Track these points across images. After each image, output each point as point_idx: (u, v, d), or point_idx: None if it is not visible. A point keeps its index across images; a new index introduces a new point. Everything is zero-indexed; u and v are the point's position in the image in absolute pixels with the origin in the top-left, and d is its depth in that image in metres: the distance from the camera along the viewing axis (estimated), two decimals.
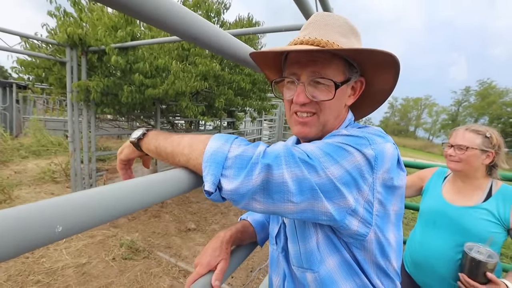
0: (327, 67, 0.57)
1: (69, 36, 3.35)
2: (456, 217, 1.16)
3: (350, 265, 0.58)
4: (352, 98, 0.64)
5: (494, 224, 1.09)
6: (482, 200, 1.14)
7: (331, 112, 0.60)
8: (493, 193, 1.13)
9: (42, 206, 0.31)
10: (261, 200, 0.49)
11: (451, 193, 1.24)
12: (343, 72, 0.59)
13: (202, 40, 0.58)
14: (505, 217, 1.08)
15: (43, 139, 7.57)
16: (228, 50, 0.64)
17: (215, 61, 4.07)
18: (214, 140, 0.52)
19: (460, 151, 1.15)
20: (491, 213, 1.10)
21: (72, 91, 3.73)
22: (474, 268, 1.02)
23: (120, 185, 0.43)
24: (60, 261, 2.73)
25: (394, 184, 0.55)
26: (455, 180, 1.25)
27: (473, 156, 1.13)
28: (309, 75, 0.58)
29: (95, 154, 4.20)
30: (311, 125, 0.61)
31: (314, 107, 0.59)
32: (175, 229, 3.73)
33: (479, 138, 1.14)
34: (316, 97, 0.58)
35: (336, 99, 0.59)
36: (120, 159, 0.63)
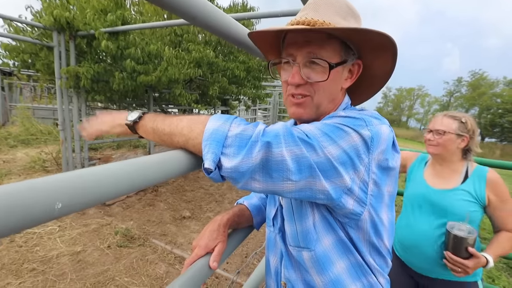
0: (322, 48, 0.57)
1: (56, 20, 3.21)
2: (438, 200, 1.23)
3: (344, 243, 0.60)
4: (349, 81, 0.64)
5: (472, 203, 1.17)
6: (460, 182, 1.22)
7: (325, 94, 0.60)
8: (469, 175, 1.21)
9: (42, 183, 0.31)
10: (260, 179, 0.49)
11: (432, 177, 1.31)
12: (339, 53, 0.59)
13: (200, 20, 0.56)
14: (481, 195, 1.16)
15: (32, 128, 7.38)
16: (228, 32, 0.62)
17: (209, 48, 3.99)
18: (214, 120, 0.52)
19: (438, 136, 1.22)
20: (469, 193, 1.18)
21: (61, 77, 3.61)
22: (456, 245, 1.09)
23: (120, 165, 0.42)
24: (55, 249, 2.73)
25: (389, 165, 0.56)
26: (434, 164, 1.32)
27: (450, 140, 1.20)
28: (304, 56, 0.58)
29: (87, 142, 4.13)
30: (305, 106, 0.61)
31: (309, 89, 0.60)
32: (170, 217, 3.75)
33: (455, 123, 1.21)
34: (311, 78, 0.58)
35: (331, 81, 0.59)
36: (106, 131, 0.64)
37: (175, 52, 3.64)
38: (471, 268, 1.06)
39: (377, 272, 0.62)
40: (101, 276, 2.42)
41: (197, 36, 4.18)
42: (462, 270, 1.09)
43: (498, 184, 1.15)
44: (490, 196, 1.16)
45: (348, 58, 0.60)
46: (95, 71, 3.40)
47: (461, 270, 1.09)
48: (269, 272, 0.77)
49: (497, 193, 1.15)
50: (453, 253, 1.10)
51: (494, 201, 1.15)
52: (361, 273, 0.61)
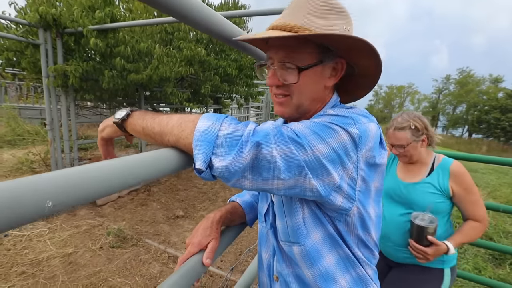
0: (294, 51, 0.59)
1: (42, 16, 3.12)
2: (406, 193, 1.29)
3: (333, 237, 0.62)
4: (333, 79, 0.64)
5: (437, 195, 1.23)
6: (426, 175, 1.28)
7: (304, 94, 0.62)
8: (435, 167, 1.27)
9: (32, 181, 0.31)
10: (250, 178, 0.50)
11: (403, 171, 1.37)
12: (315, 55, 0.60)
13: (190, 19, 0.56)
14: (445, 187, 1.22)
15: (18, 128, 7.16)
16: (217, 30, 0.62)
17: (200, 46, 3.96)
18: (204, 119, 0.52)
19: (400, 149, 1.28)
20: (433, 185, 1.24)
21: (48, 76, 3.52)
22: (418, 233, 1.15)
23: (111, 162, 0.42)
24: (45, 251, 2.68)
25: (376, 162, 0.58)
26: None
27: (412, 147, 1.26)
28: (279, 59, 0.60)
29: (76, 142, 4.05)
30: (285, 105, 0.64)
31: (287, 89, 0.62)
32: (163, 216, 3.72)
33: (408, 133, 1.25)
34: (286, 80, 0.61)
35: (308, 82, 0.61)
36: (101, 137, 0.63)
37: (166, 50, 3.60)
38: (431, 255, 1.13)
39: (365, 264, 0.64)
40: (94, 277, 2.40)
41: (188, 34, 4.14)
42: (423, 256, 1.15)
43: (461, 175, 1.20)
44: (454, 187, 1.21)
45: (325, 58, 0.61)
46: (84, 69, 3.33)
47: (422, 256, 1.16)
48: (262, 267, 0.78)
49: (460, 184, 1.20)
50: (416, 241, 1.16)
51: (458, 192, 1.20)
52: (350, 265, 0.63)
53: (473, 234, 1.20)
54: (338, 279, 0.62)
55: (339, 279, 0.62)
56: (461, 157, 1.68)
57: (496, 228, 3.81)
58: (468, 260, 2.89)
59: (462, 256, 3.01)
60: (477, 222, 1.20)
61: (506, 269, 2.79)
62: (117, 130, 0.60)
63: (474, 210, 1.20)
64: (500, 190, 6.05)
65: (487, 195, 5.64)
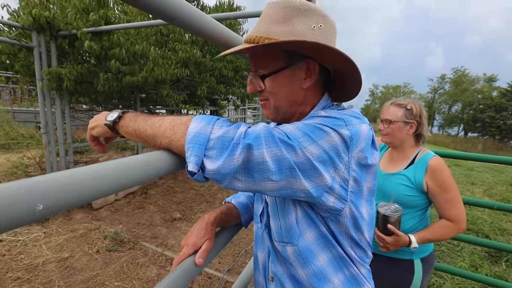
0: (259, 59, 0.64)
1: (35, 19, 3.10)
2: (382, 183, 1.29)
3: (326, 237, 0.62)
4: (309, 81, 0.63)
5: (409, 188, 1.21)
6: (405, 167, 1.26)
7: (279, 97, 0.64)
8: (415, 161, 1.24)
9: (22, 185, 0.31)
10: (242, 179, 0.51)
11: (385, 162, 1.36)
12: (282, 59, 0.62)
13: (179, 21, 0.56)
14: (419, 181, 1.19)
15: (12, 132, 7.09)
16: (206, 31, 0.63)
17: (196, 48, 3.96)
18: (196, 121, 0.52)
19: (387, 125, 1.26)
20: (408, 178, 1.22)
21: (42, 79, 3.49)
22: (382, 222, 1.15)
23: (104, 165, 0.42)
24: (41, 256, 2.65)
25: (368, 163, 0.58)
26: (391, 151, 1.38)
27: (397, 128, 1.24)
28: (252, 68, 0.66)
29: (72, 146, 4.02)
30: (267, 108, 0.68)
31: (264, 94, 0.66)
32: (160, 219, 3.71)
33: (401, 111, 1.24)
34: (258, 86, 0.65)
35: (279, 86, 0.63)
36: (91, 135, 0.64)
37: (161, 52, 3.59)
38: (390, 244, 1.13)
39: (358, 263, 0.65)
40: (90, 281, 2.37)
41: (184, 36, 4.14)
42: (383, 245, 1.15)
43: (438, 171, 1.17)
44: (429, 183, 1.18)
45: (292, 61, 0.61)
46: (78, 72, 3.31)
47: (383, 245, 1.16)
48: (258, 267, 0.79)
49: (436, 180, 1.16)
50: (381, 230, 1.16)
51: (432, 188, 1.17)
52: (343, 264, 0.64)
53: (440, 233, 1.17)
54: (331, 278, 0.63)
55: (332, 278, 0.63)
56: (457, 156, 1.70)
57: (492, 225, 3.85)
58: (464, 258, 2.92)
59: (458, 254, 3.03)
60: (449, 222, 1.16)
61: (502, 266, 2.82)
62: (108, 131, 0.60)
63: (448, 208, 1.16)
64: (496, 188, 6.12)
65: (483, 193, 5.69)
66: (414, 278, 1.21)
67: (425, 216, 1.27)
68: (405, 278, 1.23)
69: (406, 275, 1.22)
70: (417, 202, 1.22)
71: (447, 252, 3.07)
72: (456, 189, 1.19)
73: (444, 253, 3.04)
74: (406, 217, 1.22)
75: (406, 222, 1.21)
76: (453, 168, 8.20)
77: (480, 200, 1.76)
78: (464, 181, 6.51)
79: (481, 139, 31.71)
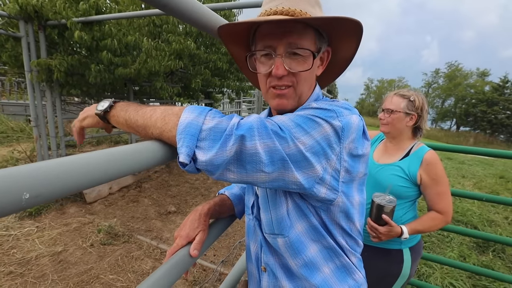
0: (303, 37, 0.58)
1: (22, 8, 2.99)
2: (375, 173, 1.30)
3: (317, 229, 0.63)
4: (321, 69, 0.66)
5: (403, 179, 1.23)
6: (399, 158, 1.27)
7: (306, 83, 0.62)
8: (411, 153, 1.26)
9: (7, 173, 0.30)
10: (235, 170, 0.50)
11: (380, 153, 1.38)
12: (315, 42, 0.61)
13: (171, 8, 0.55)
14: (413, 173, 1.21)
15: (2, 125, 6.93)
16: (200, 20, 0.61)
17: (190, 39, 3.89)
18: (188, 112, 0.51)
19: (388, 114, 1.28)
20: (402, 169, 1.24)
21: (31, 70, 3.39)
22: (376, 212, 1.16)
23: (93, 155, 0.41)
24: (33, 250, 2.63)
25: (359, 153, 0.59)
26: (386, 142, 1.39)
27: (398, 118, 1.25)
28: (286, 47, 0.57)
29: (64, 139, 3.95)
30: (288, 97, 0.61)
31: (291, 79, 0.60)
32: (155, 212, 3.70)
33: (404, 102, 1.25)
34: (294, 68, 0.58)
35: (312, 70, 0.61)
36: (80, 126, 0.62)
37: (154, 43, 3.52)
38: (382, 234, 1.15)
39: (349, 253, 0.66)
40: (85, 275, 2.37)
41: (178, 27, 4.05)
42: (375, 235, 1.17)
43: (432, 164, 1.19)
44: (423, 175, 1.20)
45: (322, 46, 0.62)
46: (69, 63, 3.22)
47: (375, 235, 1.17)
48: (250, 258, 0.79)
49: (429, 173, 1.19)
50: (374, 220, 1.18)
51: (426, 181, 1.20)
52: (334, 254, 0.65)
53: (430, 224, 1.20)
54: (322, 268, 0.64)
55: (323, 268, 0.64)
56: (448, 148, 1.72)
57: (481, 217, 3.96)
58: (453, 248, 3.00)
59: (448, 245, 3.12)
60: (438, 214, 1.20)
61: (489, 256, 2.91)
62: (99, 121, 0.59)
63: (438, 201, 1.20)
64: (485, 180, 6.27)
65: (473, 186, 5.83)
66: (404, 266, 1.25)
67: (412, 207, 1.30)
68: (395, 267, 1.25)
69: (395, 264, 1.25)
70: (409, 193, 1.25)
71: (437, 243, 3.15)
72: (447, 183, 1.22)
73: (434, 244, 3.12)
74: (396, 208, 1.24)
75: (396, 212, 1.23)
76: (445, 161, 8.35)
77: (470, 192, 1.80)
78: (455, 174, 6.65)
79: (472, 133, 32.28)
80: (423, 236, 3.20)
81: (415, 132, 1.31)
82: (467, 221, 3.81)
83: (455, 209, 4.10)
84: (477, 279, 2.45)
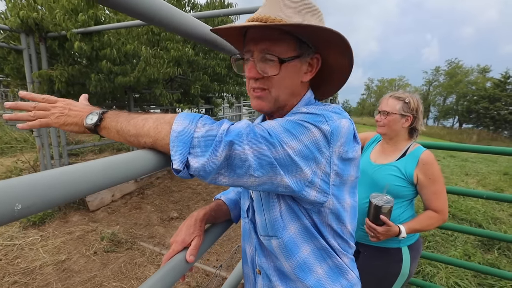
0: (276, 43, 0.59)
1: (23, 21, 3.05)
2: (372, 173, 1.32)
3: (309, 229, 0.64)
4: (309, 75, 0.66)
5: (400, 179, 1.24)
6: (396, 159, 1.29)
7: (282, 87, 0.63)
8: (407, 153, 1.28)
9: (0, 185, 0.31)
10: (226, 175, 0.52)
11: (377, 154, 1.39)
12: (293, 48, 0.61)
13: (159, 20, 0.57)
14: (409, 173, 1.23)
15: (5, 136, 7.02)
16: (186, 30, 0.63)
17: (188, 46, 3.94)
18: (180, 120, 0.53)
19: (384, 116, 1.30)
20: (399, 169, 1.25)
21: (33, 81, 3.45)
22: (374, 212, 1.17)
23: (86, 165, 0.43)
24: (37, 260, 2.65)
25: (350, 157, 0.60)
26: (383, 143, 1.41)
27: (394, 120, 1.27)
28: (259, 51, 0.60)
29: (66, 148, 3.99)
30: (263, 99, 0.64)
31: (266, 83, 0.62)
32: (158, 218, 3.71)
33: (399, 103, 1.27)
34: (265, 72, 0.61)
35: (286, 75, 0.61)
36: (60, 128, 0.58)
37: (153, 51, 3.57)
38: (381, 233, 1.16)
39: (341, 254, 0.67)
40: (89, 283, 2.38)
41: (175, 35, 4.11)
42: (374, 235, 1.18)
43: (428, 164, 1.21)
44: (419, 175, 1.22)
45: (303, 52, 0.62)
46: (70, 73, 3.28)
47: (373, 235, 1.18)
48: (246, 261, 0.80)
49: (425, 173, 1.21)
50: (372, 220, 1.19)
51: (422, 180, 1.22)
52: (326, 255, 0.65)
53: (428, 223, 1.22)
54: (315, 269, 0.65)
55: (316, 269, 0.65)
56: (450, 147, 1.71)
57: (485, 215, 3.92)
58: (457, 247, 2.97)
59: (452, 244, 3.09)
60: (435, 212, 1.22)
61: (495, 254, 2.88)
62: (85, 131, 0.58)
63: (435, 200, 1.21)
64: (489, 178, 6.21)
65: (477, 183, 5.78)
66: (403, 265, 1.25)
67: (410, 206, 1.31)
68: (394, 265, 1.26)
69: (395, 263, 1.26)
70: (405, 193, 1.26)
71: (441, 242, 3.12)
72: (443, 182, 1.23)
73: (438, 243, 3.09)
74: (394, 207, 1.25)
75: (393, 211, 1.24)
76: (448, 159, 8.30)
77: (470, 189, 1.79)
78: (458, 172, 6.60)
79: (475, 130, 32.01)
80: (427, 236, 3.17)
81: (411, 133, 1.32)
82: (471, 219, 3.77)
83: (459, 207, 4.06)
84: (483, 277, 2.42)
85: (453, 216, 3.86)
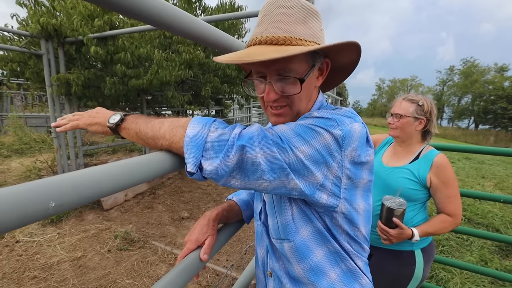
0: (290, 61, 0.58)
1: (43, 27, 3.20)
2: (384, 176, 1.30)
3: (322, 233, 0.64)
4: (320, 79, 0.67)
5: (413, 182, 1.23)
6: (409, 162, 1.27)
7: (302, 100, 0.63)
8: (420, 156, 1.26)
9: (36, 185, 0.35)
10: (238, 178, 0.53)
11: (389, 156, 1.38)
12: (306, 61, 0.61)
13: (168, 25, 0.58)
14: (423, 177, 1.21)
15: (25, 137, 7.31)
16: (197, 34, 0.64)
17: (199, 49, 4.00)
18: (193, 124, 0.55)
19: (397, 119, 1.28)
20: (412, 172, 1.24)
21: (52, 85, 3.61)
22: (387, 215, 1.16)
23: (110, 166, 0.46)
24: (55, 256, 2.75)
25: (362, 161, 0.59)
26: (395, 146, 1.39)
27: (407, 123, 1.25)
28: (274, 73, 0.59)
29: (82, 149, 4.13)
30: (285, 115, 0.64)
31: (285, 100, 0.62)
32: (169, 218, 3.78)
33: (412, 106, 1.25)
34: (285, 91, 0.60)
35: (305, 89, 0.62)
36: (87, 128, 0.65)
37: (165, 54, 3.65)
38: (394, 236, 1.14)
39: (355, 257, 0.66)
40: (103, 279, 2.46)
41: None
42: (386, 237, 1.16)
43: (443, 167, 1.19)
44: (432, 179, 1.20)
45: (315, 62, 0.62)
46: (86, 77, 3.40)
47: (386, 237, 1.17)
48: (258, 263, 0.81)
49: (439, 176, 1.19)
50: (385, 223, 1.17)
51: (436, 184, 1.20)
52: (339, 259, 0.65)
53: (441, 227, 1.20)
54: (328, 273, 0.64)
55: (329, 273, 0.64)
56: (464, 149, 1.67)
57: (503, 219, 3.77)
58: (473, 252, 2.88)
59: (468, 248, 2.99)
60: (448, 216, 1.20)
61: None
62: (108, 131, 0.63)
63: (448, 204, 1.19)
64: (508, 181, 5.97)
65: (494, 187, 5.57)
66: (416, 268, 1.23)
67: (422, 209, 1.29)
68: (407, 268, 1.24)
69: (408, 266, 1.24)
70: (418, 196, 1.24)
71: (456, 246, 3.04)
72: (456, 186, 1.21)
73: (453, 248, 3.01)
74: (407, 210, 1.23)
75: (406, 214, 1.22)
76: (464, 161, 8.03)
77: (487, 193, 1.73)
78: (474, 175, 6.38)
79: (492, 131, 30.80)
80: (441, 240, 3.09)
81: (424, 135, 1.30)
82: (488, 224, 3.64)
83: (475, 211, 3.93)
84: (500, 284, 2.34)
85: (468, 220, 3.75)
